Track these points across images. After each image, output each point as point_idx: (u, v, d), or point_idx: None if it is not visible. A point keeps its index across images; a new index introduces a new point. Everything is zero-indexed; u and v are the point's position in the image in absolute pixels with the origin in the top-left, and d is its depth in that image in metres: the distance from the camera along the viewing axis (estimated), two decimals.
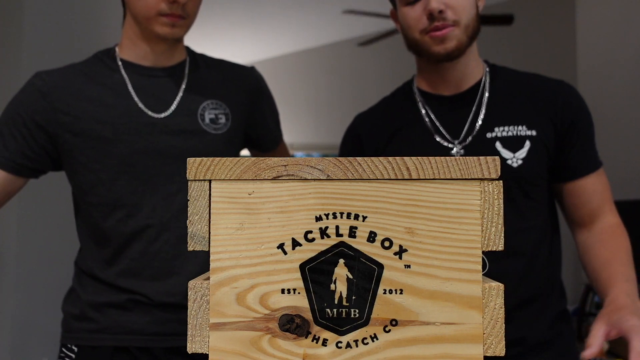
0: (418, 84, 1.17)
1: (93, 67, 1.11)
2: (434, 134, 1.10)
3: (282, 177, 0.48)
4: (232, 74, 1.19)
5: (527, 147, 1.05)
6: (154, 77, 1.11)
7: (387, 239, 0.48)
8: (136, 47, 1.10)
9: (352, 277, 0.48)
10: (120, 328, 1.05)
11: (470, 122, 1.09)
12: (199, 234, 0.49)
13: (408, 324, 0.47)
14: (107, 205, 1.06)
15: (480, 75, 1.13)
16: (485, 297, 0.47)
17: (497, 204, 0.48)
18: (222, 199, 0.49)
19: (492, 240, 0.48)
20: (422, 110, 1.13)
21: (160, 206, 1.06)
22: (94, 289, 1.08)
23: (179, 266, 1.07)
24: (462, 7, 1.03)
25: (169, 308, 1.06)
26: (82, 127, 1.05)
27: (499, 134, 1.07)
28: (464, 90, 1.12)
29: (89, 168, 1.06)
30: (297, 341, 0.48)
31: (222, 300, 0.48)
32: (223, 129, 1.12)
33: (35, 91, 1.06)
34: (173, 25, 1.04)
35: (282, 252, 0.48)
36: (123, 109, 1.06)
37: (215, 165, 0.49)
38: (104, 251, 1.07)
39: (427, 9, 1.02)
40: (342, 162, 0.48)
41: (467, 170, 0.48)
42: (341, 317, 0.48)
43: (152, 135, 1.06)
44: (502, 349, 0.47)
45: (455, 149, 1.08)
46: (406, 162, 0.48)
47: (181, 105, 1.10)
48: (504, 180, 1.10)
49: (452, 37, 1.04)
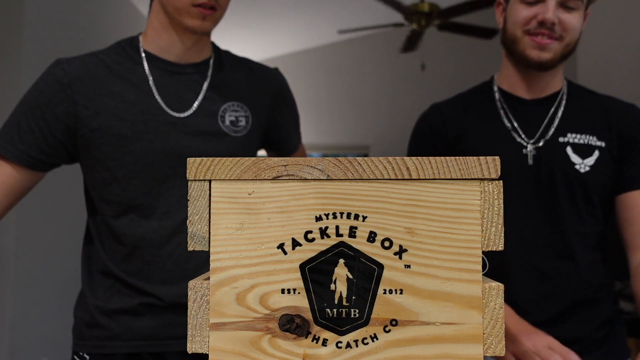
0: (499, 83, 1.20)
1: (116, 58, 1.07)
2: (510, 132, 1.13)
3: (282, 177, 0.48)
4: (256, 76, 1.17)
5: (595, 156, 1.09)
6: (177, 73, 1.08)
7: (387, 239, 0.48)
8: (161, 39, 1.07)
9: (352, 277, 0.48)
10: (132, 334, 1.03)
11: (545, 125, 1.13)
12: (199, 234, 0.49)
13: (408, 324, 0.47)
14: (120, 204, 1.04)
15: (559, 87, 1.17)
16: (485, 297, 0.47)
17: (497, 204, 0.48)
18: (222, 199, 0.49)
19: (492, 240, 0.48)
20: (501, 109, 1.16)
21: (174, 208, 1.04)
22: (105, 291, 1.06)
23: (192, 269, 1.05)
24: (572, 26, 1.08)
25: (181, 309, 1.04)
26: (101, 122, 1.02)
27: (571, 139, 1.10)
28: (543, 96, 1.16)
29: (104, 165, 1.03)
30: (297, 341, 0.48)
31: (222, 300, 0.48)
32: (242, 132, 1.10)
33: (55, 82, 1.02)
34: (204, 18, 1.01)
35: (282, 252, 0.48)
36: (143, 106, 1.03)
37: (215, 165, 0.49)
38: (117, 250, 1.05)
39: (541, 16, 1.06)
40: (342, 162, 0.48)
41: (467, 170, 0.48)
42: (341, 317, 0.48)
43: (171, 135, 1.04)
44: (502, 349, 0.47)
45: (529, 147, 1.11)
46: (406, 162, 0.48)
47: (202, 105, 1.07)
48: (570, 184, 1.10)
49: (551, 49, 1.08)
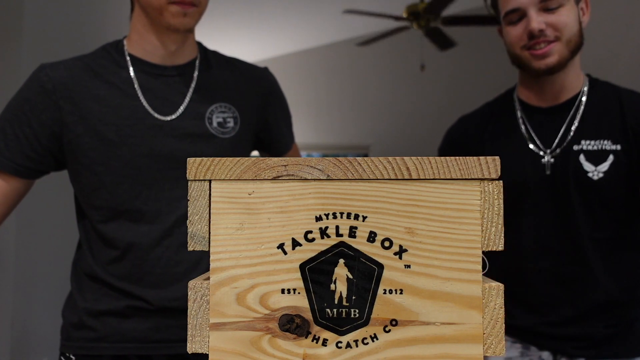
0: (519, 94, 1.21)
1: (101, 62, 1.06)
2: (528, 142, 1.15)
3: (282, 177, 0.48)
4: (244, 76, 1.15)
5: (610, 161, 1.09)
6: (163, 76, 1.06)
7: (387, 239, 0.48)
8: (145, 42, 1.06)
9: (352, 277, 0.48)
10: (120, 336, 1.03)
11: (562, 133, 1.13)
12: (199, 234, 0.49)
13: (408, 324, 0.47)
14: (109, 209, 1.03)
15: (579, 88, 1.16)
16: (485, 297, 0.47)
17: (497, 204, 0.48)
18: (222, 199, 0.49)
19: (492, 240, 0.48)
20: (520, 120, 1.18)
21: (164, 212, 1.04)
22: (93, 293, 1.05)
23: (182, 273, 1.04)
24: (562, 24, 1.07)
25: (169, 313, 1.03)
26: (87, 127, 1.01)
27: (585, 147, 1.10)
28: (560, 103, 1.15)
29: (92, 170, 1.02)
30: (297, 341, 0.48)
31: (222, 300, 0.48)
32: (231, 133, 1.09)
33: (40, 88, 1.01)
34: (184, 14, 1.00)
35: (282, 252, 0.48)
36: (129, 110, 1.02)
37: (215, 166, 0.49)
38: (106, 254, 1.04)
39: (527, 29, 1.07)
40: (342, 162, 0.48)
41: (467, 170, 0.48)
42: (341, 317, 0.48)
43: (158, 138, 1.03)
44: (502, 348, 0.47)
45: (546, 157, 1.12)
46: (406, 162, 0.48)
47: (189, 108, 1.06)
48: (583, 192, 1.10)
49: (553, 52, 1.08)
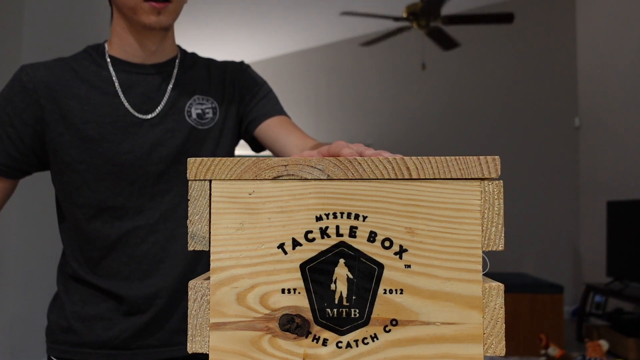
0: None
1: (82, 62, 1.08)
2: None
3: (283, 177, 0.48)
4: (219, 69, 1.18)
5: None
6: (142, 74, 1.08)
7: (388, 238, 0.48)
8: (125, 44, 1.08)
9: (352, 277, 0.48)
10: (103, 343, 1.04)
11: None
12: (199, 234, 0.49)
13: (408, 323, 0.47)
14: (92, 207, 1.04)
15: None
16: (485, 297, 0.47)
17: (497, 204, 0.48)
18: (222, 198, 0.49)
19: (492, 240, 0.48)
20: None
21: (148, 207, 1.04)
22: (80, 295, 1.06)
23: (167, 267, 1.05)
24: None
25: (156, 315, 1.05)
26: (68, 126, 1.02)
27: None
28: None
29: (73, 168, 1.03)
30: (297, 341, 0.48)
31: (222, 300, 0.48)
32: (210, 124, 1.10)
33: (21, 88, 1.03)
34: (159, 13, 1.01)
35: (282, 252, 0.48)
36: (110, 108, 1.04)
37: (216, 165, 0.49)
38: (90, 254, 1.05)
39: None
40: (342, 162, 0.48)
41: (467, 169, 0.48)
42: (341, 317, 0.48)
43: (139, 135, 1.04)
44: (502, 348, 0.47)
45: None
46: (406, 162, 0.48)
47: (168, 103, 1.08)
48: None
49: None
